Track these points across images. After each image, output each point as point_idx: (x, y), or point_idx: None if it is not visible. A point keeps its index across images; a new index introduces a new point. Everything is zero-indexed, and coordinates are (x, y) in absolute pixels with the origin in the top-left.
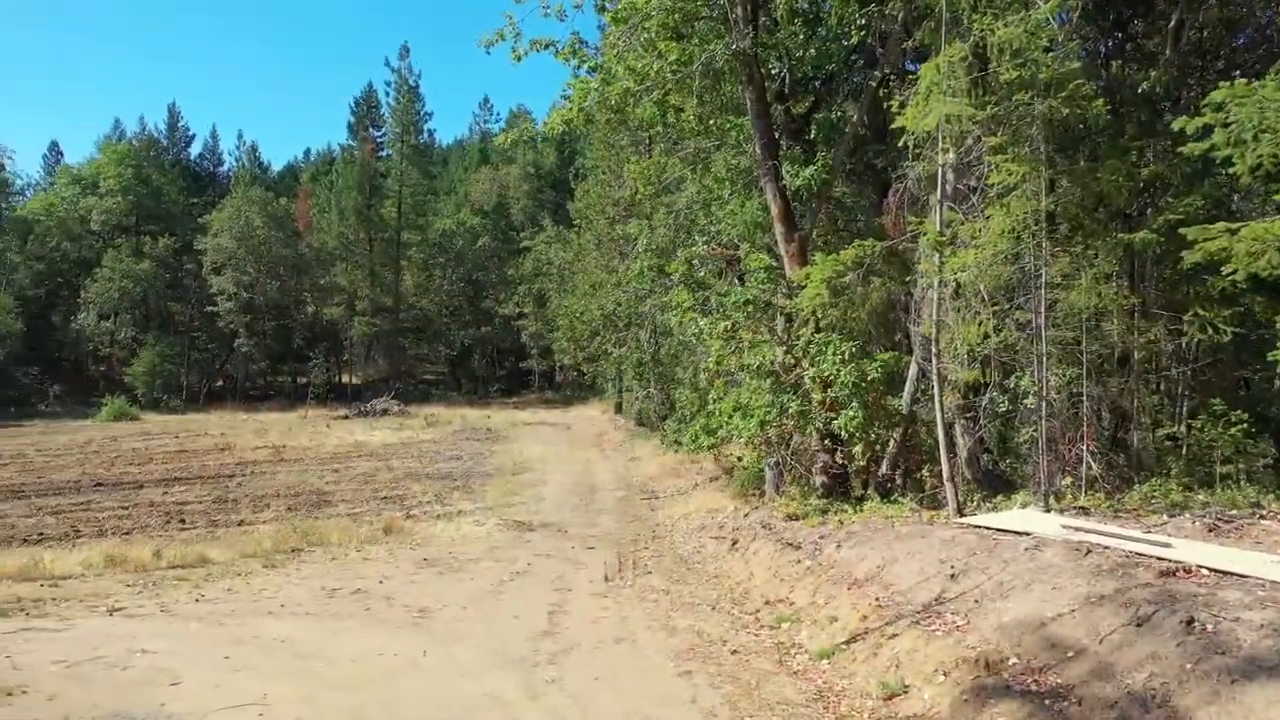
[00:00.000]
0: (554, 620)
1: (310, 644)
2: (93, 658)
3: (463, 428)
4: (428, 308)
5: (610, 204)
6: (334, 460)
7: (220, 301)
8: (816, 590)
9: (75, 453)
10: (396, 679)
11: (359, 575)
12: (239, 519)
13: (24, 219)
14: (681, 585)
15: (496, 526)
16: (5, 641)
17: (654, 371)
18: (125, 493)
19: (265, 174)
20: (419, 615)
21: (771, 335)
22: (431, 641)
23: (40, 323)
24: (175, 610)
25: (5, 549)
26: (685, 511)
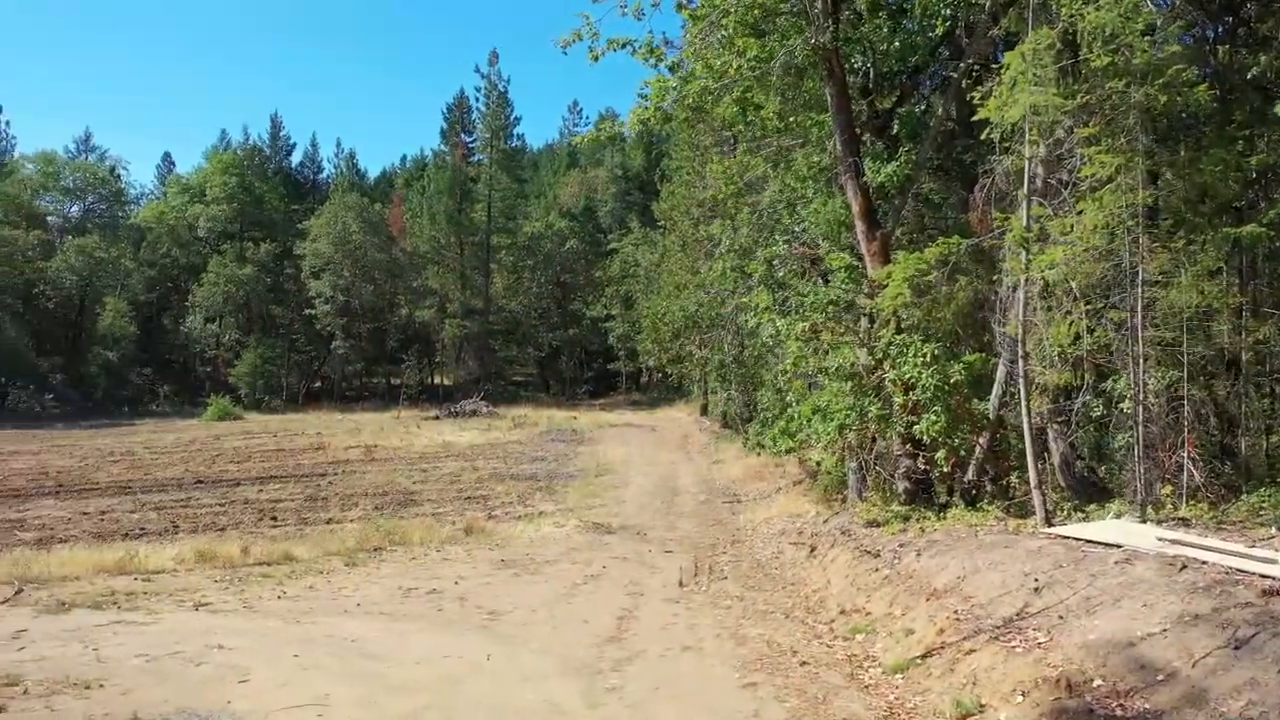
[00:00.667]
0: (622, 625)
1: (379, 644)
2: (172, 652)
3: (549, 429)
4: (517, 310)
5: (695, 204)
6: (422, 460)
7: (318, 305)
8: (893, 600)
9: (180, 451)
10: (458, 683)
11: (436, 575)
12: (328, 517)
13: (137, 227)
14: (756, 592)
15: (576, 528)
16: (95, 634)
17: (737, 373)
18: (223, 490)
19: (362, 181)
20: (489, 617)
21: (853, 336)
22: (498, 644)
23: (152, 326)
24: (257, 607)
25: (108, 543)
26: (766, 516)
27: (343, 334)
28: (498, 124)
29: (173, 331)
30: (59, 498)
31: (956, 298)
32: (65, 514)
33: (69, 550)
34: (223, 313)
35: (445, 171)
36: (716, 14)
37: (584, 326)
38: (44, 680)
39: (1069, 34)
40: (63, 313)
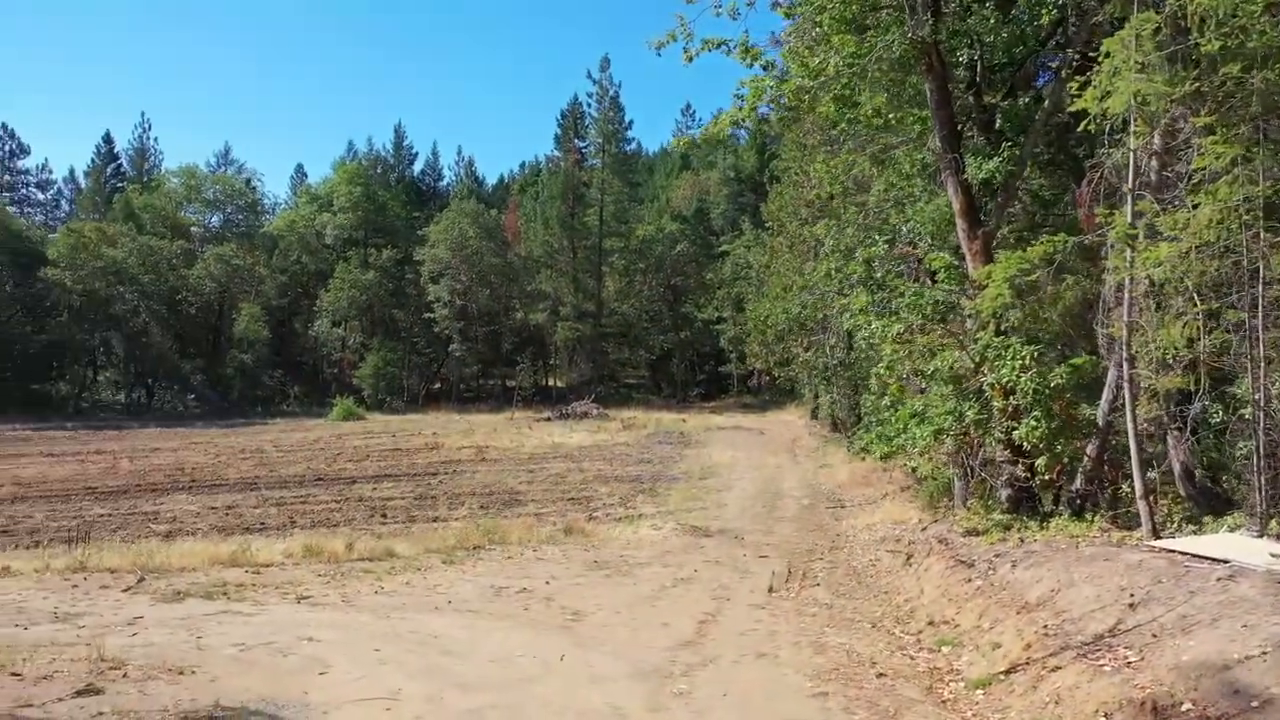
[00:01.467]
0: (701, 630)
1: (458, 641)
2: (266, 643)
3: (656, 431)
4: (628, 313)
5: (803, 205)
6: (531, 461)
7: (436, 308)
8: (983, 613)
9: (305, 449)
10: (526, 682)
11: (528, 575)
12: (435, 515)
13: (271, 235)
14: (846, 600)
15: (673, 531)
16: (202, 623)
17: (842, 376)
18: (340, 487)
19: (480, 187)
20: (571, 618)
21: (953, 339)
22: (574, 645)
23: (284, 330)
24: (354, 601)
25: (229, 537)
26: (869, 522)
27: (460, 337)
28: (609, 129)
29: (302, 335)
30: (191, 492)
31: (1064, 298)
32: (195, 508)
33: (190, 542)
34: (348, 317)
35: (558, 177)
36: (812, 10)
37: (695, 329)
38: (144, 665)
39: (1178, 17)
40: (203, 317)
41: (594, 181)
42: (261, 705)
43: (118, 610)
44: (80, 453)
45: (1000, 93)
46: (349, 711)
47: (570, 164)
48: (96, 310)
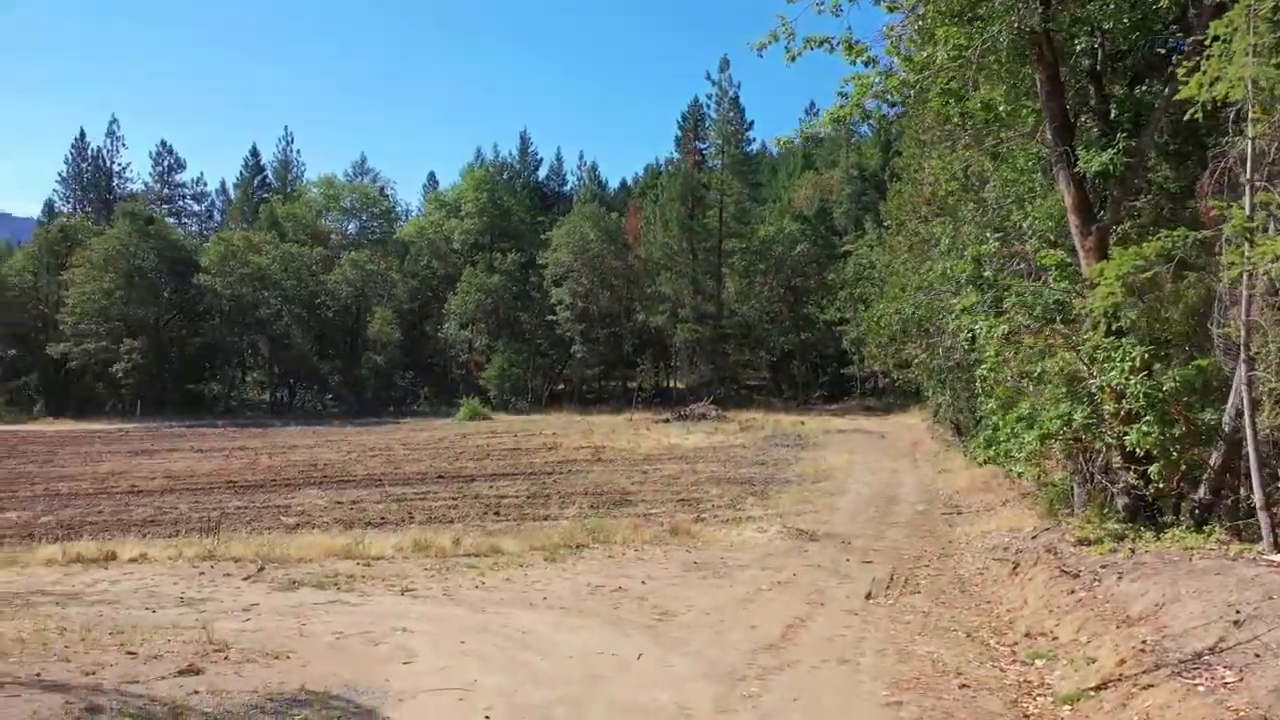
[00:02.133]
0: (788, 634)
1: (543, 637)
2: (362, 632)
3: (774, 433)
4: (748, 314)
5: (922, 203)
6: (645, 462)
7: (559, 311)
8: (1082, 625)
9: (430, 448)
10: (599, 679)
11: (626, 574)
12: (545, 514)
13: (402, 241)
14: (945, 608)
15: (779, 534)
16: (310, 611)
17: (960, 378)
18: (459, 485)
19: (603, 191)
20: (659, 618)
21: (1063, 340)
22: (655, 645)
23: (415, 332)
24: (454, 595)
25: (350, 529)
26: (984, 529)
27: (581, 339)
28: (729, 130)
29: (432, 337)
30: (321, 487)
31: (1185, 296)
32: (323, 502)
33: (311, 535)
34: (474, 319)
35: (677, 179)
36: (916, 1)
37: (817, 330)
38: (246, 649)
39: None
40: (340, 320)
41: (713, 183)
42: (343, 690)
43: (237, 597)
44: (226, 449)
45: (1124, 80)
46: (423, 700)
47: (690, 166)
48: (244, 314)
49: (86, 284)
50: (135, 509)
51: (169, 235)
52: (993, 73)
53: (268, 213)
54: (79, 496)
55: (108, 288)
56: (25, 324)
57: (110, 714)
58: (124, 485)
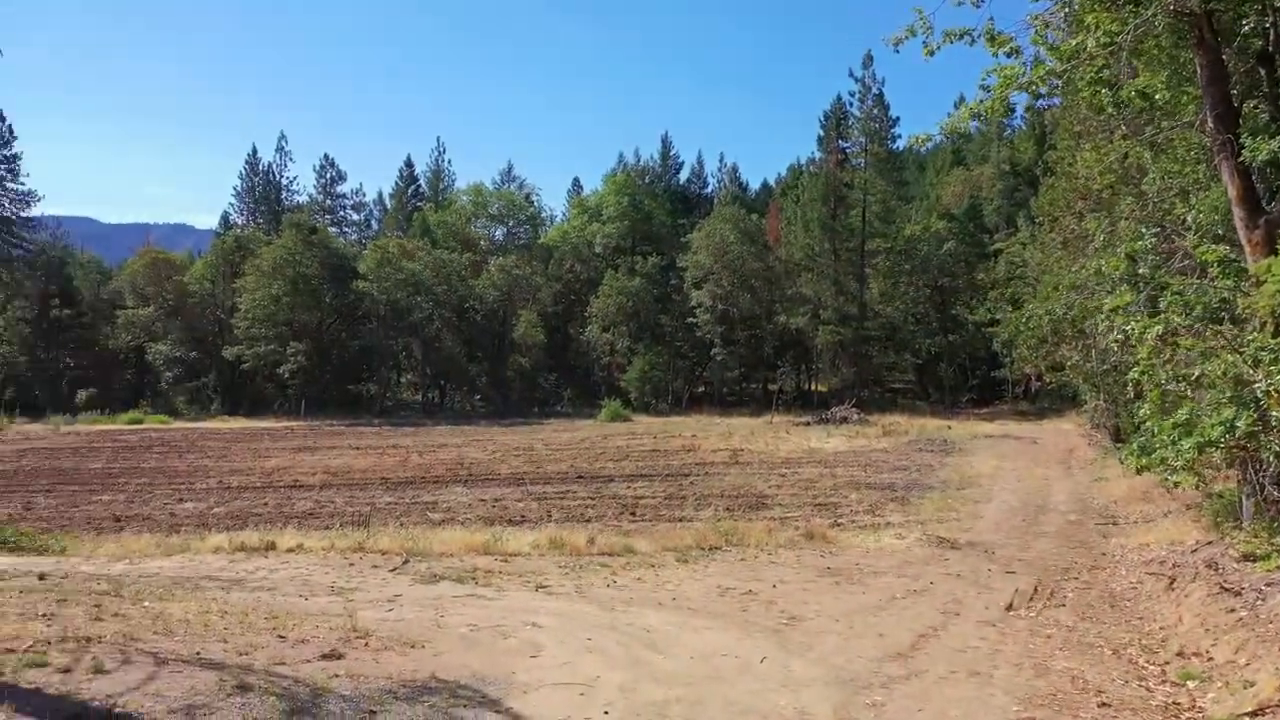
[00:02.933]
0: (918, 643)
1: (667, 637)
2: (494, 625)
3: (918, 438)
4: (893, 315)
5: (1077, 198)
6: (783, 465)
7: (699, 313)
8: (1241, 646)
9: (571, 449)
10: (718, 681)
11: (758, 577)
12: (681, 515)
13: (547, 246)
14: (1092, 624)
15: (918, 541)
16: (449, 604)
17: (1117, 381)
18: (597, 485)
19: (744, 193)
20: (787, 622)
21: (1226, 341)
22: (778, 649)
23: (559, 335)
24: (585, 592)
25: (491, 526)
26: (1142, 542)
27: (721, 341)
28: (872, 127)
29: (575, 340)
30: (467, 485)
31: None
32: (468, 499)
33: (455, 531)
34: (616, 322)
35: (819, 179)
36: None
37: (966, 332)
38: (385, 637)
39: None
40: (487, 324)
41: (856, 182)
42: (471, 680)
43: (382, 588)
44: (380, 447)
45: None
46: (546, 693)
47: (832, 165)
48: (399, 318)
49: (257, 291)
50: (296, 502)
51: (330, 244)
52: (1150, 59)
53: (420, 220)
54: (247, 490)
55: (275, 294)
56: (204, 328)
57: (258, 692)
58: (287, 480)
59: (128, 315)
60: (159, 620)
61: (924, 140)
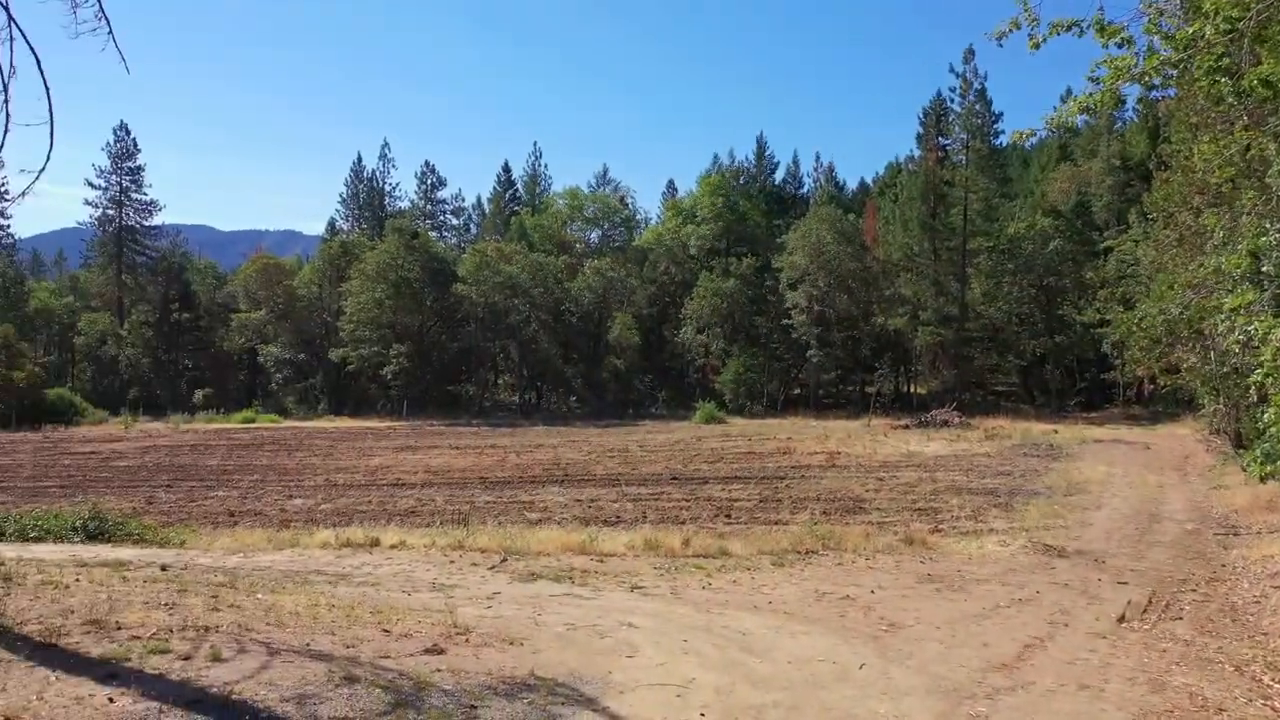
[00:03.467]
0: (1024, 654)
1: (764, 640)
2: (591, 625)
3: (1023, 442)
4: (996, 316)
5: (1194, 192)
6: (881, 469)
7: (794, 315)
8: None
9: (666, 450)
10: (816, 686)
11: (855, 582)
12: (776, 518)
13: (641, 248)
14: (1211, 638)
15: (1022, 549)
16: (546, 602)
17: (1238, 384)
18: (692, 487)
19: (840, 193)
20: (886, 629)
21: None
22: (878, 656)
23: (653, 337)
24: (681, 594)
25: (587, 526)
26: (1268, 553)
27: (817, 343)
28: (974, 123)
29: (670, 341)
30: (563, 485)
31: None
32: (564, 500)
33: (551, 530)
34: (710, 324)
35: (918, 177)
36: None
37: (1073, 333)
38: (485, 633)
39: None
40: (583, 326)
41: (957, 179)
42: (568, 678)
43: (481, 585)
44: (479, 447)
45: None
46: (642, 693)
47: (931, 163)
48: (496, 320)
49: (361, 294)
50: (399, 500)
51: (431, 248)
52: (1275, 45)
53: (517, 224)
54: (353, 487)
55: (379, 297)
56: (312, 330)
57: (364, 684)
58: (390, 478)
59: (241, 318)
60: (271, 612)
61: (1028, 135)
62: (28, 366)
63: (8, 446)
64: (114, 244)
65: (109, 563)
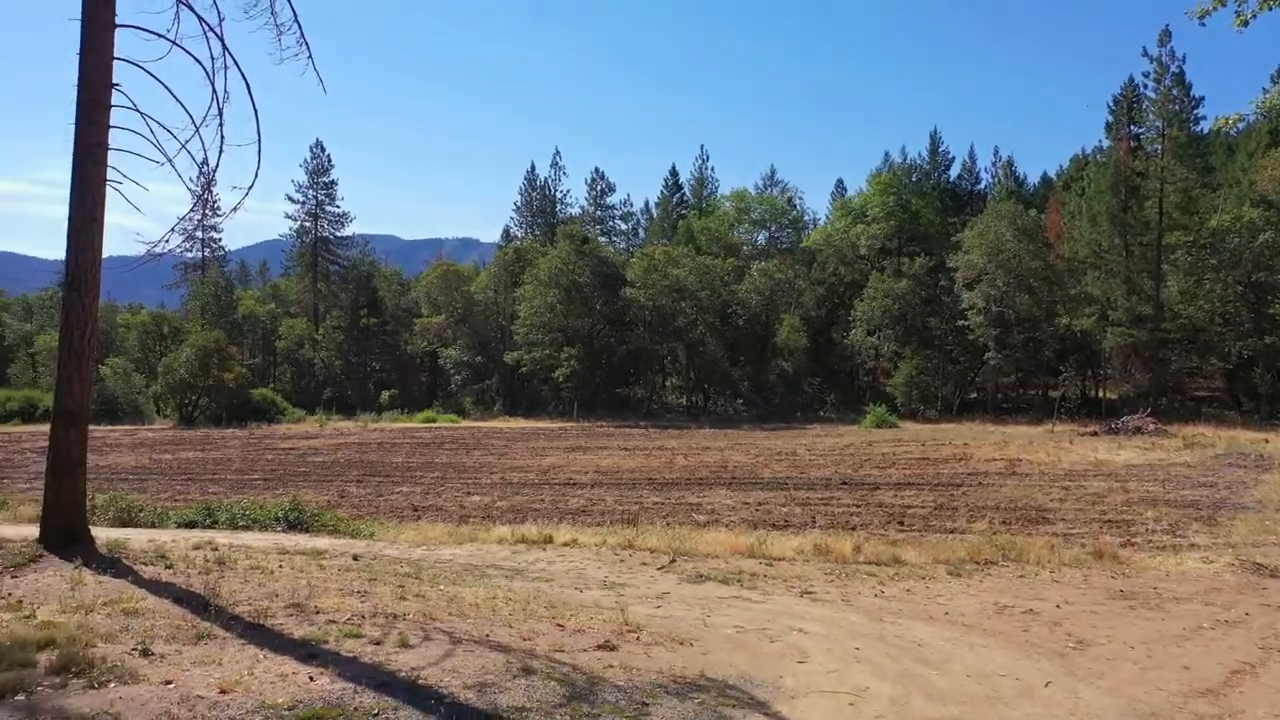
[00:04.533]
0: (1232, 680)
1: (940, 652)
2: (760, 628)
3: (1227, 452)
4: (1196, 316)
5: None
6: (1066, 478)
7: (971, 316)
8: None
9: (835, 454)
10: (996, 704)
11: (1039, 596)
12: (951, 526)
13: (809, 250)
14: None
15: (1228, 567)
16: (714, 604)
17: None
18: (863, 492)
19: (1020, 188)
20: (1074, 646)
21: None
22: (1065, 674)
23: (821, 339)
24: (852, 601)
25: (755, 529)
26: None
27: (996, 345)
28: (1170, 110)
29: (838, 344)
30: (730, 488)
31: None
32: (731, 502)
33: (719, 533)
34: (881, 325)
35: (1107, 169)
36: None
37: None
38: (655, 633)
39: None
40: (749, 328)
41: (1151, 170)
42: (739, 680)
43: (650, 585)
44: (647, 448)
45: None
46: (814, 700)
47: (1122, 153)
48: (664, 324)
49: (534, 299)
50: (570, 499)
51: (600, 253)
52: None
53: (684, 228)
54: (526, 486)
55: (550, 302)
56: (488, 334)
57: (540, 676)
58: (561, 477)
59: (423, 322)
60: (453, 603)
61: (1234, 121)
62: (236, 368)
63: (219, 442)
64: (310, 254)
65: (307, 551)
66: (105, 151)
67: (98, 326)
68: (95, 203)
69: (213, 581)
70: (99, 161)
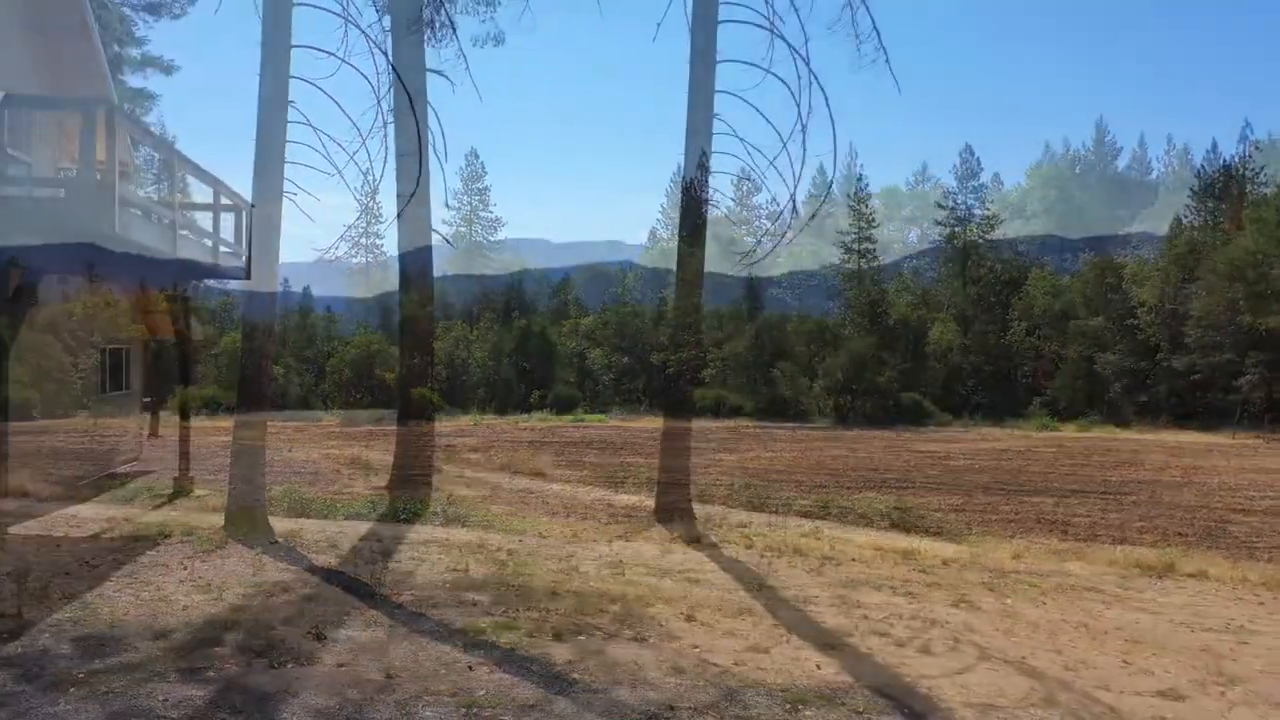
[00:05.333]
0: None
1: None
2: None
3: None
4: None
5: None
6: (1250, 488)
7: (1141, 314)
8: None
9: (989, 459)
10: None
11: (1220, 615)
12: (1121, 537)
13: (963, 245)
14: None
15: None
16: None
17: None
18: (1021, 499)
19: (1198, 178)
20: (1260, 670)
21: None
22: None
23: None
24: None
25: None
26: None
27: (1170, 345)
28: None
29: (995, 344)
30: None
31: None
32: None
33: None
34: (1042, 324)
35: None
36: None
37: None
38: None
39: None
40: (901, 329)
41: None
42: None
43: None
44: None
45: None
46: None
47: None
48: None
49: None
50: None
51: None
52: None
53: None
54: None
55: None
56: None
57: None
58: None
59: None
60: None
61: None
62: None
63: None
64: (463, 259)
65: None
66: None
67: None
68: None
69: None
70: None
